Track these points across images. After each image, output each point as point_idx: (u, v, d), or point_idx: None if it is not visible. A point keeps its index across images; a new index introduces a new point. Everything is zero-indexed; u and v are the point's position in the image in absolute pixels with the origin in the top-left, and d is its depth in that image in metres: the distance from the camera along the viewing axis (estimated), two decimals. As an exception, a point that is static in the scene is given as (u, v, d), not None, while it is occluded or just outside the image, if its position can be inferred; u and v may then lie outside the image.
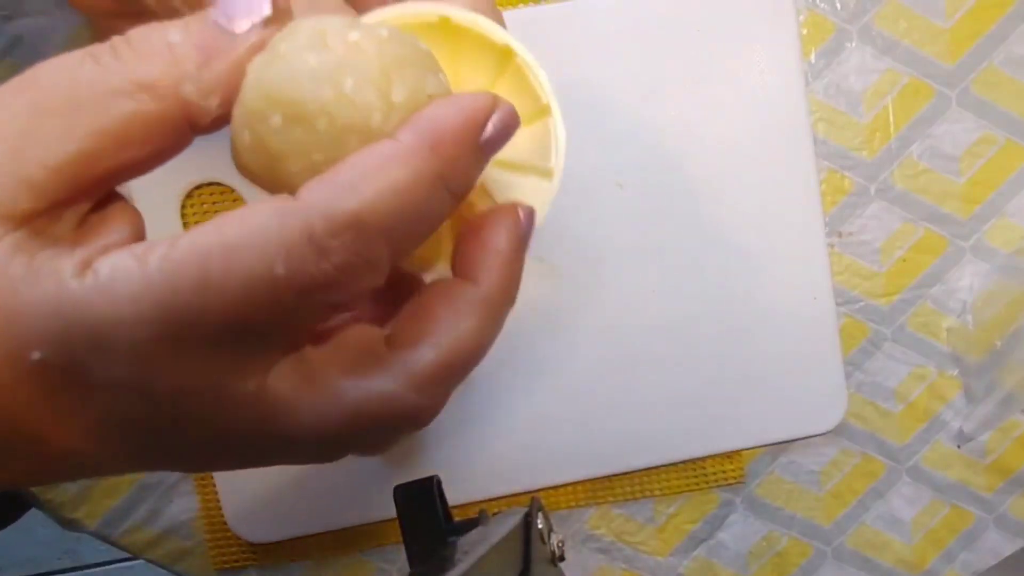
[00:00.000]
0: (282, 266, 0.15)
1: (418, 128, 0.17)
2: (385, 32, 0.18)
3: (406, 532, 0.27)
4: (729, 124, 0.40)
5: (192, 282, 0.15)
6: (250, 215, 0.16)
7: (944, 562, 0.47)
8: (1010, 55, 0.43)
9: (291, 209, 0.16)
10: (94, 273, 0.15)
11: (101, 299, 0.15)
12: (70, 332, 0.15)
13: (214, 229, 0.16)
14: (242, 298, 0.15)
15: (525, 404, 0.41)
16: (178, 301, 0.15)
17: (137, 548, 0.43)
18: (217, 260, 0.15)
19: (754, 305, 0.41)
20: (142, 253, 0.15)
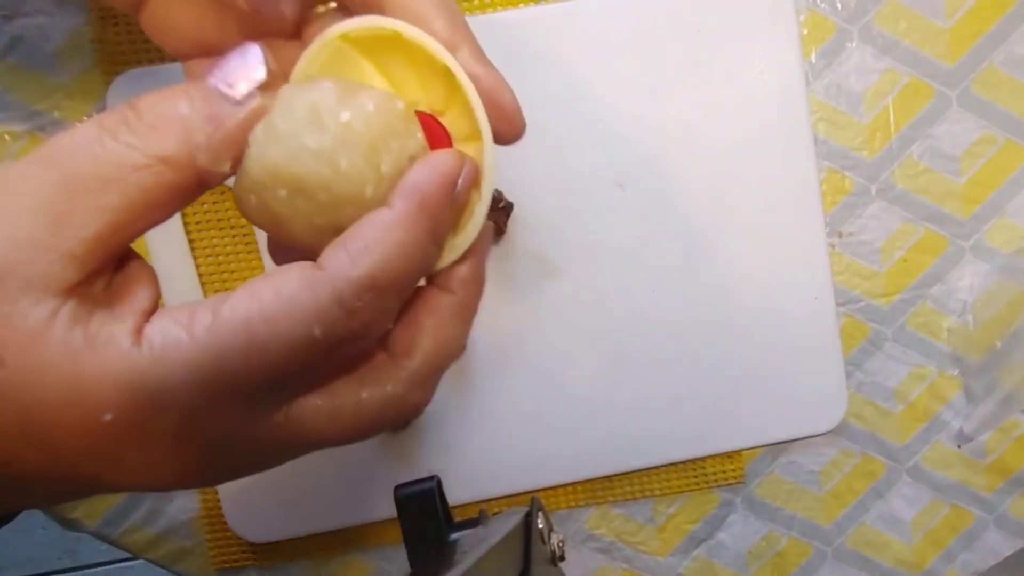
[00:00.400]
0: (319, 329, 0.18)
1: (408, 194, 0.20)
2: (371, 106, 0.20)
3: (406, 532, 0.27)
4: (729, 124, 0.40)
5: (239, 350, 0.18)
6: (283, 285, 0.18)
7: (944, 562, 0.47)
8: (1010, 55, 0.43)
9: (320, 280, 0.18)
10: (149, 343, 0.17)
11: (160, 369, 0.17)
12: (136, 398, 0.17)
13: (252, 299, 0.18)
14: (284, 358, 0.18)
15: (525, 404, 0.41)
16: (227, 366, 0.18)
17: (137, 548, 0.43)
18: (261, 329, 0.18)
19: (754, 305, 0.41)
20: (188, 323, 0.18)
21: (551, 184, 0.40)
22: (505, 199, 0.39)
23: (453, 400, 0.41)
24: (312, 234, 0.20)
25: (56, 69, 0.39)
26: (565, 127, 0.40)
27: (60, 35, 0.39)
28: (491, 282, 0.40)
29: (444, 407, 0.41)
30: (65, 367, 0.17)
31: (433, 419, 0.41)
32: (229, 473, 0.21)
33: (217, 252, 0.40)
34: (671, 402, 0.41)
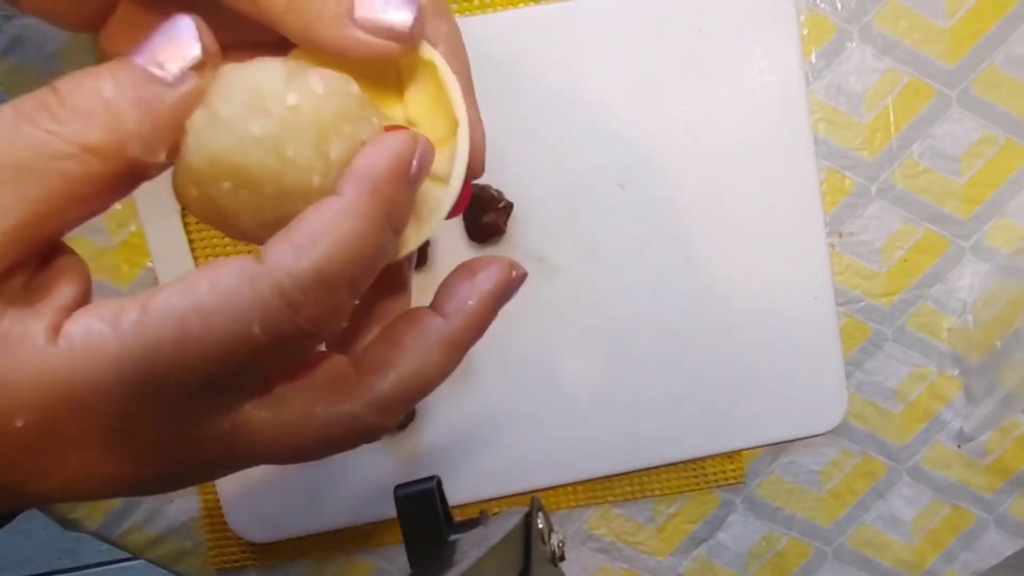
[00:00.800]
0: (259, 326, 0.16)
1: (358, 179, 0.18)
2: (320, 87, 0.19)
3: (406, 532, 0.27)
4: (729, 124, 0.40)
5: (170, 346, 0.16)
6: (220, 278, 0.16)
7: (944, 562, 0.47)
8: (1010, 55, 0.43)
9: (260, 272, 0.17)
10: (67, 340, 0.16)
11: (79, 366, 0.16)
12: (52, 399, 0.16)
13: (185, 291, 0.16)
14: (221, 356, 0.16)
15: (525, 404, 0.41)
16: (156, 364, 0.16)
17: (137, 548, 0.43)
18: (195, 324, 0.16)
19: (754, 305, 0.41)
20: (113, 318, 0.16)
21: (551, 184, 0.40)
22: (505, 199, 0.39)
23: (453, 400, 0.41)
24: (261, 228, 0.19)
25: (56, 69, 0.39)
26: (565, 127, 0.40)
27: (60, 35, 0.39)
28: (491, 282, 0.40)
29: (444, 407, 0.41)
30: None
31: (433, 419, 0.41)
32: (171, 481, 0.19)
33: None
34: (671, 402, 0.41)
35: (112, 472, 0.17)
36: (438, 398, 0.41)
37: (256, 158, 0.18)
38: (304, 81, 0.18)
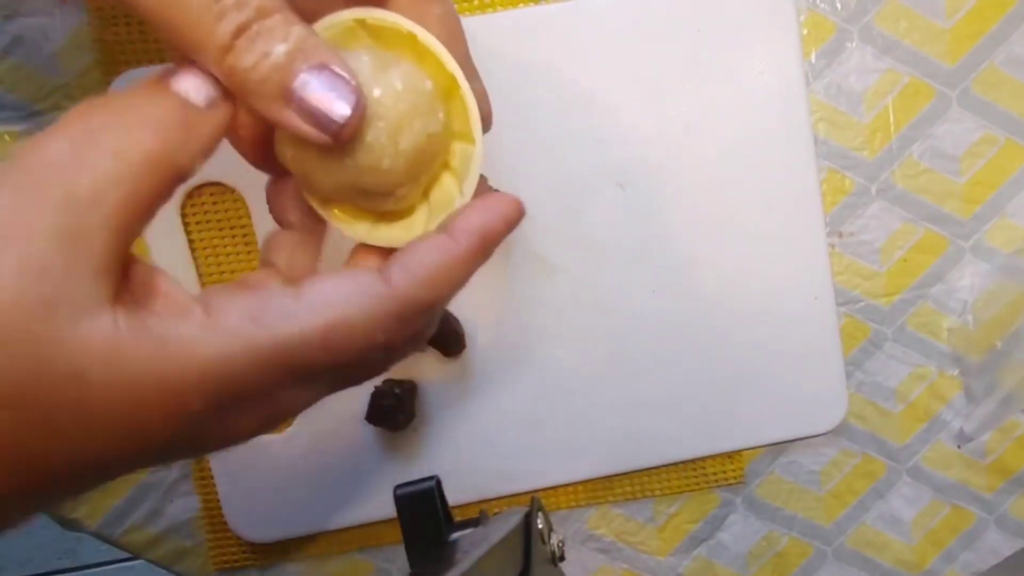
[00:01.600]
0: (382, 335, 0.21)
1: (476, 235, 0.22)
2: (399, 84, 0.21)
3: (406, 532, 0.27)
4: (729, 124, 0.40)
5: (314, 349, 0.20)
6: (356, 297, 0.20)
7: (944, 562, 0.47)
8: (1010, 55, 0.43)
9: (388, 295, 0.20)
10: (222, 337, 0.19)
11: (240, 361, 0.19)
12: (219, 390, 0.19)
13: (327, 306, 0.20)
14: (352, 358, 0.20)
15: (525, 404, 0.41)
16: (303, 361, 0.20)
17: (137, 548, 0.43)
18: (338, 334, 0.20)
19: (754, 305, 0.41)
20: (258, 315, 0.19)
21: (551, 184, 0.40)
22: (505, 199, 0.39)
23: (453, 400, 0.41)
24: (334, 188, 0.22)
25: (56, 69, 0.39)
26: (565, 127, 0.40)
27: (60, 35, 0.39)
28: (491, 282, 0.40)
29: (444, 407, 0.41)
30: (148, 371, 0.18)
31: (433, 419, 0.41)
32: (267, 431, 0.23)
33: (217, 252, 0.40)
34: (671, 402, 0.41)
35: (248, 433, 0.21)
36: (438, 397, 0.41)
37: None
38: (387, 77, 0.21)
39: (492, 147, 0.40)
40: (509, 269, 0.41)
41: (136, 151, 0.18)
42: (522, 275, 0.41)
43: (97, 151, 0.18)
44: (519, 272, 0.41)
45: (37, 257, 0.17)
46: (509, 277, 0.41)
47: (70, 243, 0.17)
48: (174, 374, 0.18)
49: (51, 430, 0.17)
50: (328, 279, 0.20)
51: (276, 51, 0.19)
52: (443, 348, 0.40)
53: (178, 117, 0.19)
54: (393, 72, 0.21)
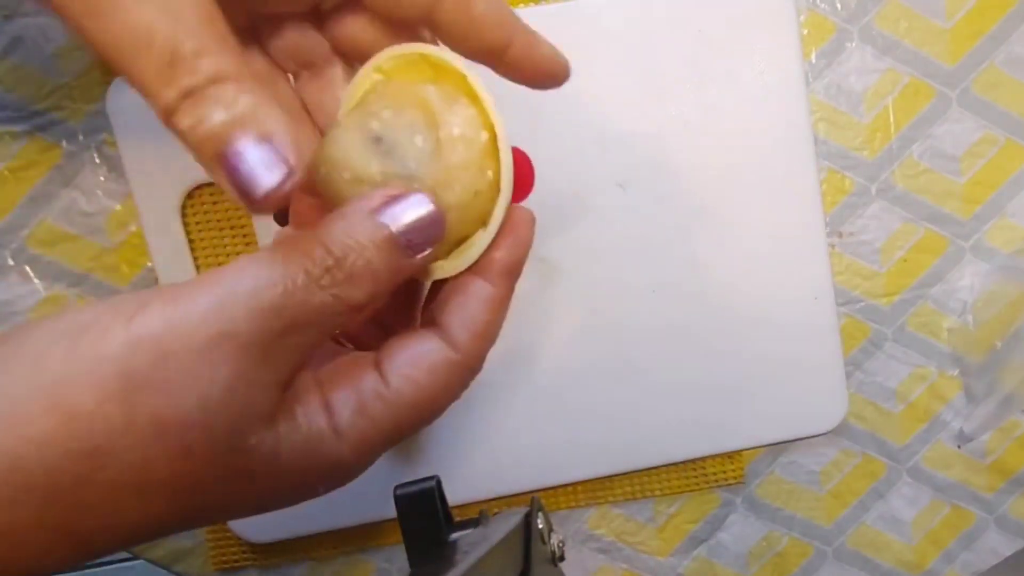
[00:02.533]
0: (460, 392, 0.24)
1: (509, 274, 0.24)
2: (457, 132, 0.22)
3: (406, 532, 0.27)
4: (729, 124, 0.40)
5: (408, 424, 0.23)
6: (436, 370, 0.23)
7: (944, 562, 0.47)
8: (1010, 55, 0.43)
9: (460, 363, 0.23)
10: (346, 438, 0.22)
11: (358, 456, 0.22)
12: (340, 479, 0.23)
13: (414, 385, 0.22)
14: (435, 417, 0.23)
15: (525, 404, 0.41)
16: (399, 435, 0.23)
17: (137, 548, 0.43)
18: (426, 408, 0.23)
19: (754, 305, 0.41)
20: (364, 410, 0.22)
21: (551, 184, 0.40)
22: (505, 199, 0.39)
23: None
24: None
25: (56, 69, 0.39)
26: (565, 127, 0.40)
27: (60, 35, 0.39)
28: (491, 282, 0.40)
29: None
30: (295, 471, 0.21)
31: (433, 419, 0.41)
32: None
33: (217, 252, 0.40)
34: (671, 402, 0.41)
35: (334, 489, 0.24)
36: (438, 398, 0.41)
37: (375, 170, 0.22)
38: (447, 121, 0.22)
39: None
40: (509, 269, 0.41)
41: (353, 302, 0.21)
42: (522, 275, 0.41)
43: (322, 292, 0.20)
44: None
45: (242, 380, 0.19)
46: (509, 277, 0.41)
47: (263, 359, 0.20)
48: (312, 471, 0.22)
49: (210, 509, 0.21)
50: (405, 355, 0.23)
51: (214, 119, 0.20)
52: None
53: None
54: (454, 126, 0.22)
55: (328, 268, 0.20)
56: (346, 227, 0.21)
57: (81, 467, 0.18)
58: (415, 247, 0.21)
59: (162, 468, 0.19)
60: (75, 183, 0.40)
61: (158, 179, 0.38)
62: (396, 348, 0.23)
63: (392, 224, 0.21)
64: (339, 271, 0.20)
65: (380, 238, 0.21)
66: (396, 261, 0.21)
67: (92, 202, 0.40)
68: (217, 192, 0.40)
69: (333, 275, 0.20)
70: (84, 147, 0.40)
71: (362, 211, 0.21)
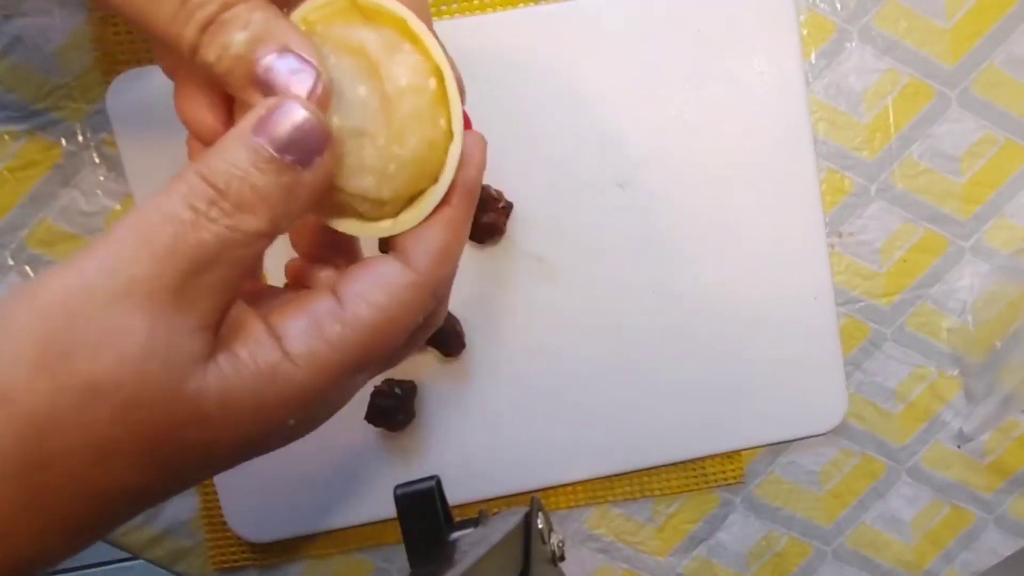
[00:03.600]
0: (420, 316, 0.23)
1: (466, 194, 0.24)
2: (404, 82, 0.21)
3: (406, 532, 0.27)
4: (729, 124, 0.40)
5: (372, 345, 0.22)
6: (395, 290, 0.22)
7: (944, 562, 0.47)
8: (1010, 55, 0.43)
9: (421, 283, 0.23)
10: (302, 360, 0.21)
11: (318, 374, 0.21)
12: (305, 401, 0.22)
13: (371, 306, 0.22)
14: (402, 341, 0.23)
15: (525, 404, 0.41)
16: (363, 358, 0.22)
17: (137, 548, 0.43)
18: (388, 329, 0.22)
19: (754, 305, 0.41)
20: (321, 334, 0.21)
21: (551, 184, 0.40)
22: (505, 199, 0.39)
23: (453, 400, 0.41)
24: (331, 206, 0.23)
25: (56, 69, 0.39)
26: (565, 127, 0.40)
27: (60, 35, 0.39)
28: (491, 282, 0.40)
29: (444, 407, 0.41)
30: (252, 404, 0.21)
31: (433, 419, 0.41)
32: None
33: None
34: (671, 402, 0.41)
35: (317, 425, 0.24)
36: (438, 397, 0.41)
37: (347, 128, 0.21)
38: (393, 78, 0.21)
39: (492, 147, 0.39)
40: (509, 269, 0.41)
41: (248, 229, 0.20)
42: (522, 275, 0.41)
43: (213, 224, 0.19)
44: (518, 272, 0.41)
45: (160, 326, 0.19)
46: (508, 277, 0.41)
47: (177, 307, 0.19)
48: (271, 403, 0.21)
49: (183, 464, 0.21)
50: (362, 279, 0.22)
51: (236, 41, 0.20)
52: (443, 348, 0.40)
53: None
54: (400, 76, 0.21)
55: (212, 200, 0.19)
56: (224, 154, 0.20)
57: (29, 445, 0.18)
58: (302, 160, 0.20)
59: (108, 430, 0.19)
60: (75, 183, 0.40)
61: (158, 179, 0.38)
62: (353, 273, 0.22)
63: (268, 142, 0.20)
64: (224, 201, 0.19)
65: (260, 159, 0.20)
66: (285, 179, 0.20)
67: (92, 202, 0.40)
68: (217, 192, 0.40)
69: (220, 206, 0.19)
70: (84, 147, 0.40)
71: (237, 135, 0.20)
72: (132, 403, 0.19)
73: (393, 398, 0.39)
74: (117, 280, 0.18)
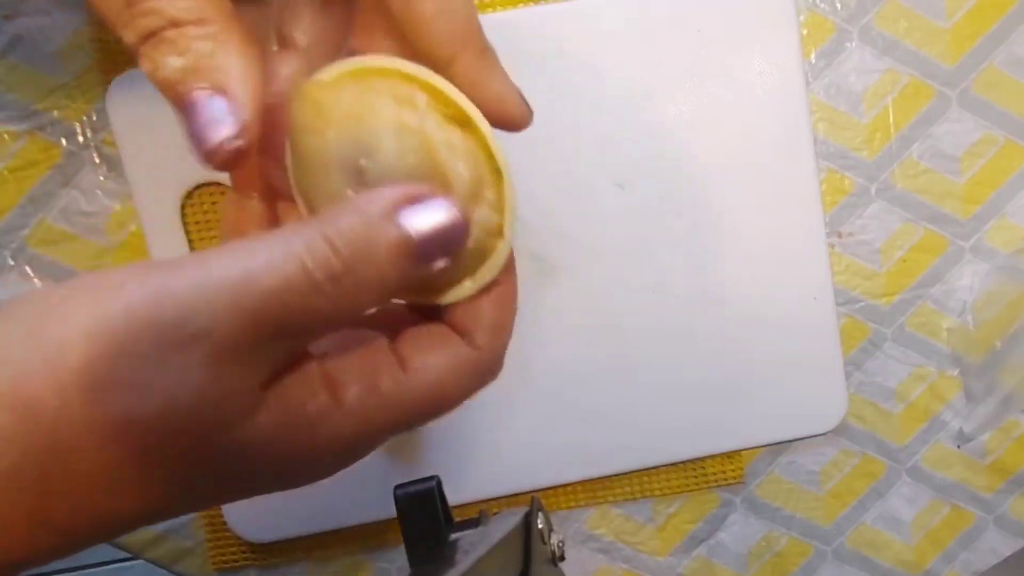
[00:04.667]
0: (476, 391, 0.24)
1: (507, 268, 0.24)
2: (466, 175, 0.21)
3: (406, 532, 0.27)
4: (729, 124, 0.40)
5: (418, 415, 0.22)
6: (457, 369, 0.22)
7: (944, 562, 0.47)
8: (1010, 55, 0.43)
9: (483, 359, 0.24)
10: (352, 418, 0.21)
11: (362, 435, 0.21)
12: (345, 457, 0.22)
13: (435, 384, 0.22)
14: (444, 413, 0.23)
15: (525, 404, 0.41)
16: (409, 422, 0.22)
17: (137, 548, 0.43)
18: (441, 404, 0.22)
19: (754, 305, 0.41)
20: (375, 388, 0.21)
21: (551, 184, 0.40)
22: (505, 199, 0.39)
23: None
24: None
25: (56, 69, 0.39)
26: (565, 127, 0.40)
27: (60, 35, 0.39)
28: (491, 282, 0.40)
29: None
30: (295, 450, 0.20)
31: (433, 419, 0.41)
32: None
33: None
34: (671, 402, 0.41)
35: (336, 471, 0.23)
36: (438, 398, 0.41)
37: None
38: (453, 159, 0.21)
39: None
40: (509, 269, 0.41)
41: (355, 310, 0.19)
42: (522, 275, 0.40)
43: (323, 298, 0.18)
44: (519, 272, 0.41)
45: (223, 382, 0.18)
46: (509, 277, 0.41)
47: (255, 365, 0.18)
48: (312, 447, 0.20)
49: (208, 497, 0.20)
50: (432, 355, 0.22)
51: (169, 65, 0.19)
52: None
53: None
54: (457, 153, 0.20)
55: (335, 276, 0.18)
56: (359, 226, 0.18)
57: (44, 460, 0.17)
58: (431, 257, 0.19)
59: (125, 468, 0.18)
60: (75, 183, 0.40)
61: (158, 179, 0.38)
62: (417, 337, 0.22)
63: (411, 230, 0.19)
64: (348, 279, 0.18)
65: (397, 245, 0.18)
66: (408, 271, 0.19)
67: (92, 202, 0.40)
68: (217, 192, 0.40)
69: (340, 284, 0.18)
70: (84, 147, 0.40)
71: (379, 209, 0.18)
72: (155, 450, 0.18)
73: (393, 398, 0.39)
74: (190, 328, 0.17)
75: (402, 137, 0.20)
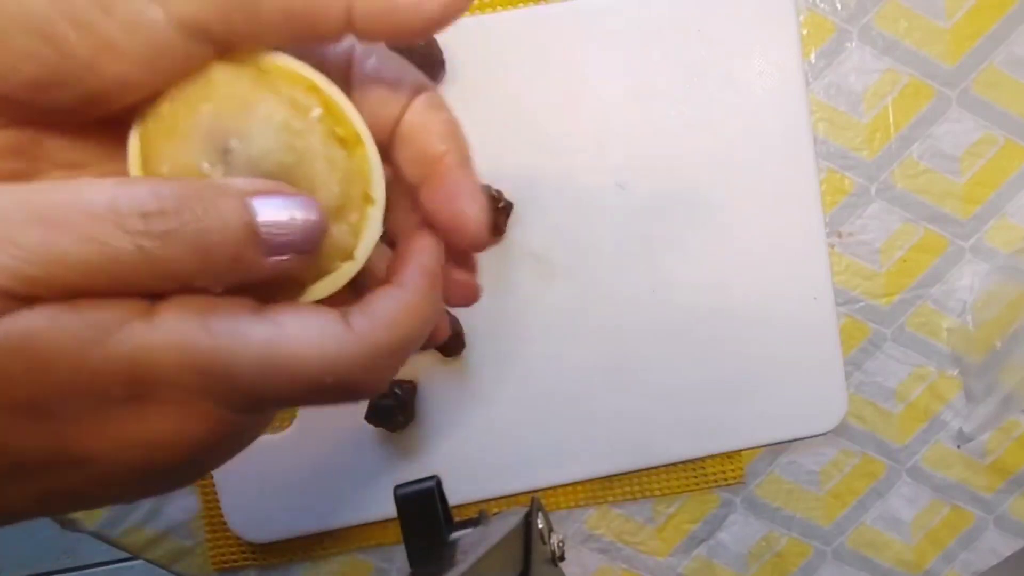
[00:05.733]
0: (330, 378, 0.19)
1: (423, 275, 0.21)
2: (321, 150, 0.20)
3: (406, 532, 0.27)
4: (729, 124, 0.40)
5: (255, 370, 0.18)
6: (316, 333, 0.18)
7: (944, 562, 0.47)
8: (1010, 55, 0.43)
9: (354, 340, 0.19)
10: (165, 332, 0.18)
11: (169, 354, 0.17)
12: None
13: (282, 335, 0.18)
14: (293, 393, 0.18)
15: (525, 404, 0.41)
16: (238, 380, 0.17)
17: (137, 548, 0.43)
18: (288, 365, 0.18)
19: (754, 305, 0.41)
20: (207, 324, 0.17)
21: (551, 184, 0.40)
22: (505, 199, 0.39)
23: (453, 400, 0.41)
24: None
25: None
26: (565, 127, 0.40)
27: (60, 35, 0.38)
28: (491, 282, 0.40)
29: (444, 407, 0.41)
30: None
31: (433, 419, 0.41)
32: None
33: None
34: (671, 402, 0.41)
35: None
36: (439, 397, 0.41)
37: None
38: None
39: (492, 147, 0.40)
40: (509, 269, 0.41)
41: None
42: (522, 275, 0.41)
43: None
44: (519, 272, 0.41)
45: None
46: (508, 277, 0.41)
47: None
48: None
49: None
50: (295, 311, 0.18)
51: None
52: (443, 348, 0.40)
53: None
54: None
55: (146, 212, 0.15)
56: (205, 190, 0.17)
57: None
58: (273, 249, 0.18)
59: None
60: (75, 183, 0.40)
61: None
62: (288, 307, 0.19)
63: (260, 215, 0.17)
64: (160, 219, 0.16)
65: (238, 221, 0.17)
66: (243, 251, 0.17)
67: (92, 202, 0.40)
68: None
69: (149, 222, 0.15)
70: (84, 147, 0.40)
71: (235, 189, 0.17)
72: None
73: (393, 398, 0.39)
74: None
75: (281, 135, 0.20)
